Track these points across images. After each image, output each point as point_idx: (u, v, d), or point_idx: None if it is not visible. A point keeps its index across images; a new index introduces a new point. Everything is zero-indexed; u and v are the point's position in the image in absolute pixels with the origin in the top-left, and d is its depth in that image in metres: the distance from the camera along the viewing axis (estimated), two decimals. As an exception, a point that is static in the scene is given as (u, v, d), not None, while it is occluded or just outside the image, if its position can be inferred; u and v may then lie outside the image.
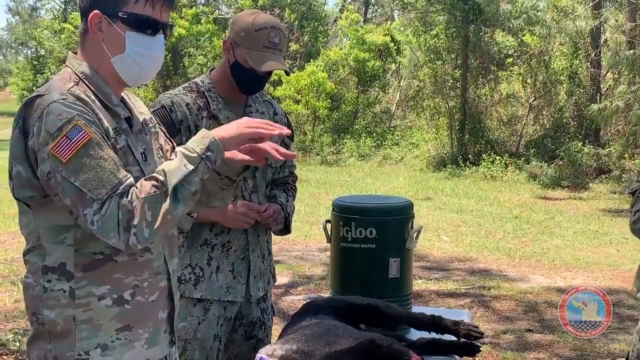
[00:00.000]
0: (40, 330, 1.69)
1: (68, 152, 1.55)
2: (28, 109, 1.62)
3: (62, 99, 1.59)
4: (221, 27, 21.30)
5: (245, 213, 2.45)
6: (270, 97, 2.85)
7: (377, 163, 17.06)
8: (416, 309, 2.68)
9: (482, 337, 2.38)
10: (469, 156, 15.70)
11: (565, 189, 13.11)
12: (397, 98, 20.14)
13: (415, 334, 2.46)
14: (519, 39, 16.57)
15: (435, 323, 2.39)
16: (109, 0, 1.67)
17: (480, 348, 2.38)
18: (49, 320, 1.66)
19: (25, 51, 46.06)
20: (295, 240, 8.05)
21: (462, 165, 15.27)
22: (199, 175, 1.60)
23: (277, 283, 3.44)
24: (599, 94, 14.66)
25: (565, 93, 16.01)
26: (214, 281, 2.49)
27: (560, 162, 13.92)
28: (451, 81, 17.02)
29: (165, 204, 1.56)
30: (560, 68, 16.06)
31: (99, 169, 1.56)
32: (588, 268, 7.13)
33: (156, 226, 1.56)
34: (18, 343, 4.48)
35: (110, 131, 1.66)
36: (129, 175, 1.60)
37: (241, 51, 2.42)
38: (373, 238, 2.56)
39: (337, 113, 19.43)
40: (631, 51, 12.51)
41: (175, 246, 1.87)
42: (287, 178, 2.75)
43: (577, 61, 15.59)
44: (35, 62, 34.44)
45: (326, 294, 3.13)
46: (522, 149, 15.77)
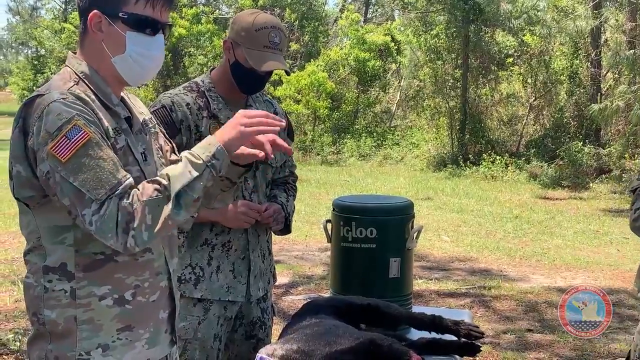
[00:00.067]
0: (41, 330, 1.68)
1: (67, 152, 1.54)
2: (28, 109, 1.62)
3: (62, 99, 1.59)
4: (221, 27, 21.31)
5: (245, 213, 2.45)
6: (270, 97, 2.85)
7: (378, 163, 17.06)
8: (416, 309, 2.68)
9: (483, 337, 2.38)
10: (470, 156, 15.70)
11: (565, 189, 13.11)
12: (398, 98, 20.13)
13: (415, 334, 2.46)
14: (520, 39, 16.56)
15: (435, 323, 2.38)
16: (109, 0, 1.67)
17: (480, 348, 2.38)
18: (50, 320, 1.66)
19: (25, 51, 46.08)
20: (295, 240, 8.05)
21: (463, 165, 15.27)
22: (203, 182, 1.60)
23: (278, 283, 3.44)
24: (600, 94, 14.66)
25: (565, 93, 16.01)
26: (214, 281, 2.48)
27: (560, 162, 13.92)
28: (451, 81, 17.02)
29: (167, 209, 1.56)
30: (560, 68, 16.06)
31: (98, 169, 1.55)
32: (588, 268, 7.13)
33: (156, 230, 1.57)
34: (18, 343, 4.48)
35: (110, 131, 1.66)
36: (129, 175, 1.60)
37: (241, 51, 2.42)
38: (373, 238, 2.56)
39: (338, 113, 19.43)
40: (631, 51, 12.52)
41: (175, 246, 1.87)
42: (288, 178, 2.75)
43: (578, 61, 15.58)
44: (35, 62, 34.45)
45: (326, 294, 3.14)
46: (523, 149, 15.77)
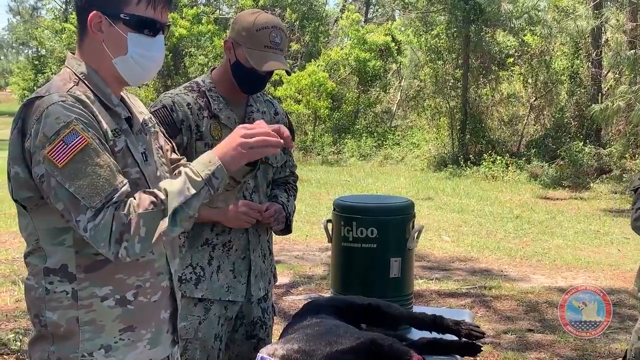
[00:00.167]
0: (42, 332, 1.68)
1: (64, 157, 1.54)
2: (27, 110, 1.61)
3: (62, 101, 1.58)
4: (222, 27, 21.32)
5: (246, 212, 2.45)
6: (271, 97, 2.85)
7: (378, 163, 17.06)
8: (417, 309, 2.69)
9: (483, 337, 2.38)
10: (470, 156, 15.70)
11: (566, 189, 13.11)
12: (398, 98, 20.13)
13: (416, 334, 2.46)
14: (520, 39, 16.56)
15: (436, 323, 2.38)
16: (110, 0, 1.66)
17: (481, 348, 2.38)
18: (52, 322, 1.66)
19: (26, 51, 46.05)
20: (296, 240, 8.05)
21: (463, 165, 15.26)
22: (200, 200, 1.62)
23: (278, 283, 3.44)
24: (600, 94, 14.66)
25: (566, 93, 16.00)
26: (215, 281, 2.48)
27: (561, 162, 13.91)
28: (452, 81, 17.01)
29: (162, 225, 1.57)
30: (561, 68, 16.06)
31: (94, 176, 1.55)
32: (589, 268, 7.13)
33: (148, 243, 1.57)
34: (19, 343, 4.49)
35: (109, 133, 1.65)
36: (125, 181, 1.59)
37: (242, 51, 2.42)
38: (374, 238, 2.56)
39: (338, 113, 19.43)
40: (632, 51, 12.51)
41: (176, 246, 1.87)
42: (288, 178, 2.75)
43: (578, 61, 15.58)
44: (36, 62, 34.43)
45: (327, 294, 3.14)
46: (523, 149, 15.77)
